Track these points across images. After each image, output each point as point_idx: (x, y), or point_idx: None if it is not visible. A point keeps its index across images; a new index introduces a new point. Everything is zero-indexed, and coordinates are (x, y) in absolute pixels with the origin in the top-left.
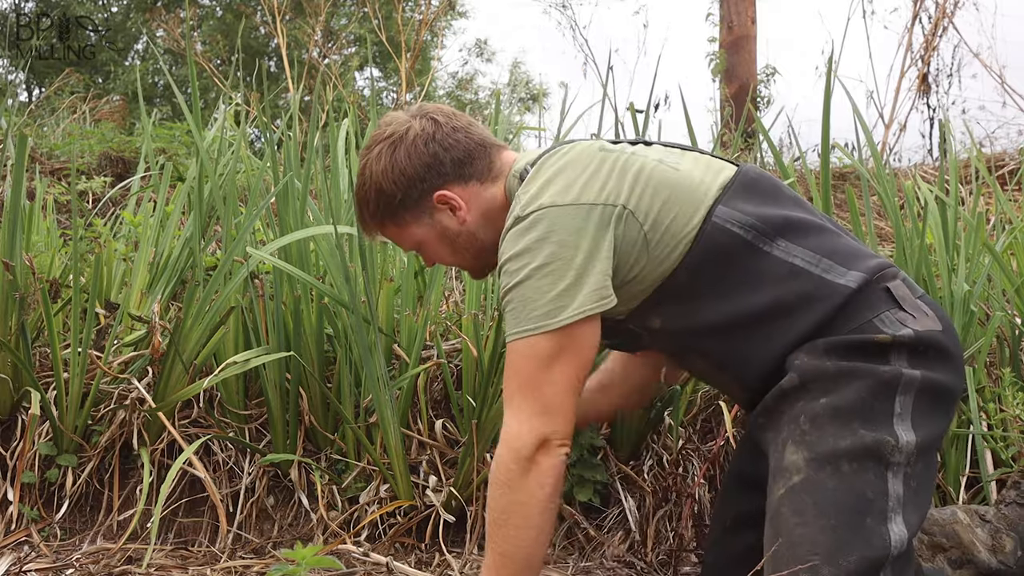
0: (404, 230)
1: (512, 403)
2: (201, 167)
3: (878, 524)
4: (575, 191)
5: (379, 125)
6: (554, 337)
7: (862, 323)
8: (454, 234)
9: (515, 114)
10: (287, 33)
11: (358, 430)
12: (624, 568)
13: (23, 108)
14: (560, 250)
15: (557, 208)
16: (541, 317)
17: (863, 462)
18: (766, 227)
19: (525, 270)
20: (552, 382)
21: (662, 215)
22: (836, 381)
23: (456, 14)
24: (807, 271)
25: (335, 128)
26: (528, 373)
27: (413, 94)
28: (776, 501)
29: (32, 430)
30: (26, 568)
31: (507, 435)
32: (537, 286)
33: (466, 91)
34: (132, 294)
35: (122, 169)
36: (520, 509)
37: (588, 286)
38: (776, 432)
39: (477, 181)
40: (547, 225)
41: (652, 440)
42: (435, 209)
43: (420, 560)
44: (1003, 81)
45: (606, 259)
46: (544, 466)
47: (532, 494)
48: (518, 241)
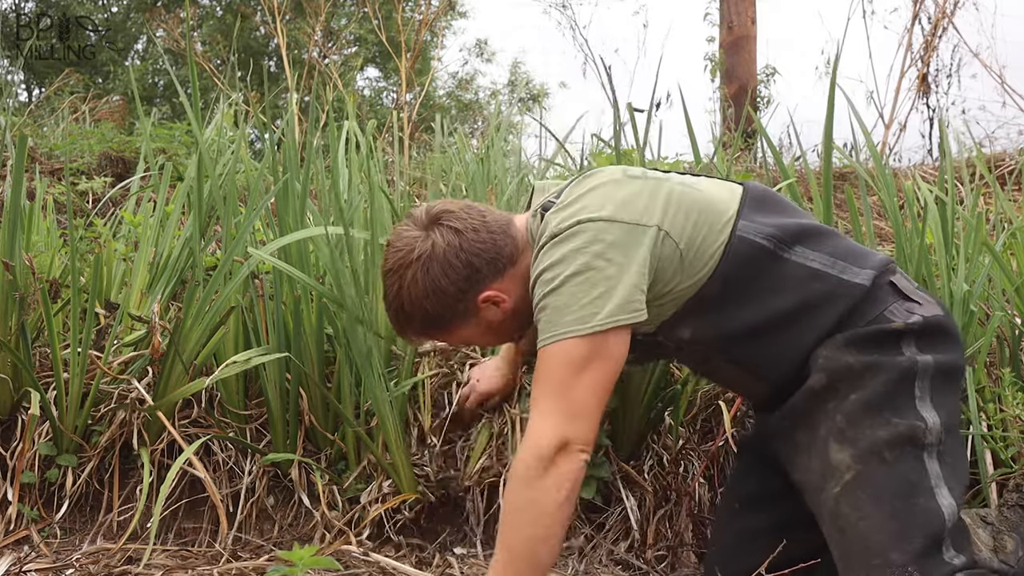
0: (452, 334)
1: (539, 404)
2: (200, 165)
3: (929, 502)
4: (610, 208)
5: (395, 244)
6: (585, 343)
7: (875, 316)
8: (499, 322)
9: (515, 114)
10: (287, 33)
11: (359, 429)
12: (624, 567)
13: (23, 108)
14: (594, 260)
15: (593, 223)
16: (573, 322)
17: (902, 448)
18: (784, 236)
19: (559, 278)
20: (581, 387)
21: (694, 233)
22: (861, 376)
23: (456, 14)
24: (825, 273)
25: (335, 128)
26: (558, 376)
27: (413, 94)
28: (833, 500)
29: (32, 430)
30: (26, 568)
31: (531, 434)
32: (571, 292)
33: (466, 91)
34: (132, 294)
35: (122, 169)
36: (534, 507)
37: (620, 297)
38: (811, 431)
39: (510, 266)
40: (583, 238)
41: (652, 440)
42: (480, 309)
43: (421, 560)
44: (1003, 81)
45: (639, 274)
46: (563, 468)
47: (548, 494)
48: (554, 252)
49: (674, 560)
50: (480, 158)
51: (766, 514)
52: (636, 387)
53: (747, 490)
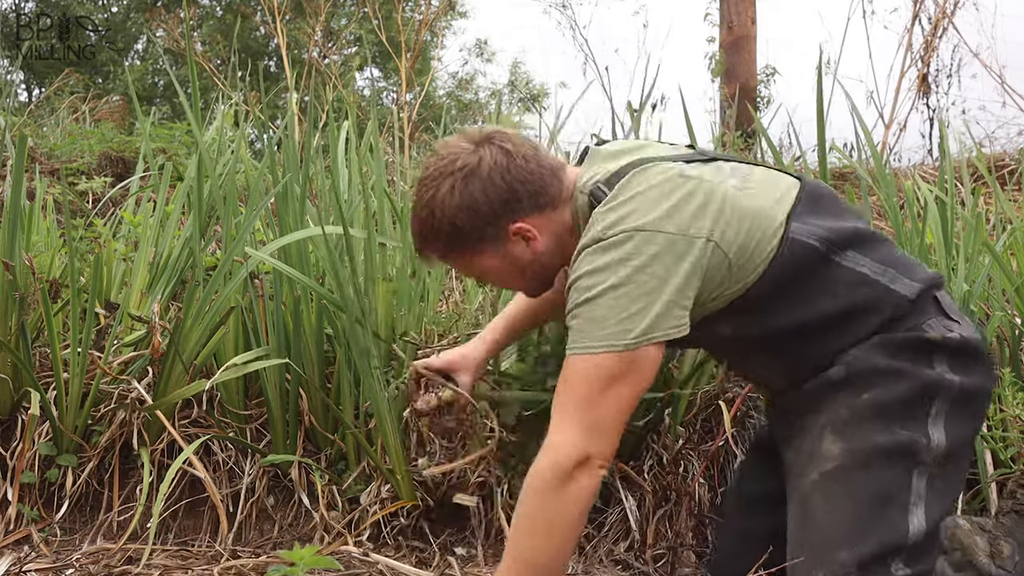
0: (472, 260)
1: (562, 415)
2: (200, 165)
3: (898, 516)
4: (660, 218)
5: (440, 153)
6: (617, 358)
7: (913, 325)
8: (525, 263)
9: (515, 114)
10: (287, 33)
11: (358, 433)
12: (624, 567)
13: (23, 108)
14: (637, 274)
15: (641, 233)
16: (607, 336)
17: (893, 459)
18: (837, 239)
19: (599, 287)
20: (607, 403)
21: (746, 242)
22: (883, 378)
23: (456, 14)
24: (874, 280)
25: (335, 128)
26: (585, 390)
27: (413, 94)
28: (808, 485)
29: (32, 430)
30: (26, 568)
31: (551, 446)
32: (610, 305)
33: (466, 91)
34: (132, 294)
35: (122, 169)
36: (549, 520)
37: (658, 314)
38: (815, 415)
39: (551, 208)
40: (627, 248)
41: (652, 440)
42: (509, 240)
43: (421, 560)
44: (1003, 81)
45: (681, 289)
46: (582, 483)
47: (565, 507)
48: (596, 259)
49: (674, 560)
50: None
51: (769, 517)
52: None
53: (752, 493)
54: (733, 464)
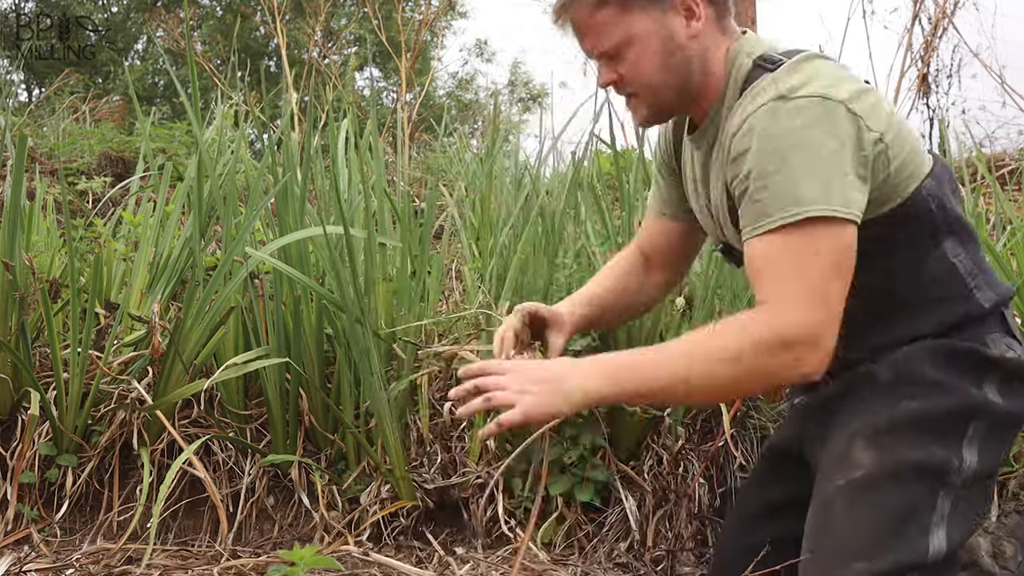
0: (625, 16)
1: (784, 288)
2: (200, 165)
3: (919, 533)
4: (847, 98)
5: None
6: (826, 227)
7: (974, 337)
8: (674, 47)
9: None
10: (287, 33)
11: (358, 434)
12: (624, 568)
13: (23, 108)
14: (830, 142)
15: (829, 102)
16: (812, 201)
17: (923, 476)
18: (948, 219)
19: (792, 149)
20: (830, 278)
21: (903, 164)
22: (928, 389)
23: (456, 14)
24: (962, 277)
25: (335, 128)
26: (804, 260)
27: (413, 94)
28: (832, 490)
29: (32, 430)
30: (26, 568)
31: (775, 315)
32: (803, 168)
33: (466, 91)
34: (132, 294)
35: (122, 169)
36: (740, 368)
37: (853, 189)
38: (850, 416)
39: (720, 19)
40: (819, 113)
41: (652, 440)
42: (671, 8)
43: (421, 560)
44: (1003, 81)
45: (864, 177)
46: (802, 362)
47: (762, 374)
48: (781, 120)
49: (674, 561)
50: (480, 158)
51: (773, 530)
52: None
53: (760, 505)
54: (733, 464)
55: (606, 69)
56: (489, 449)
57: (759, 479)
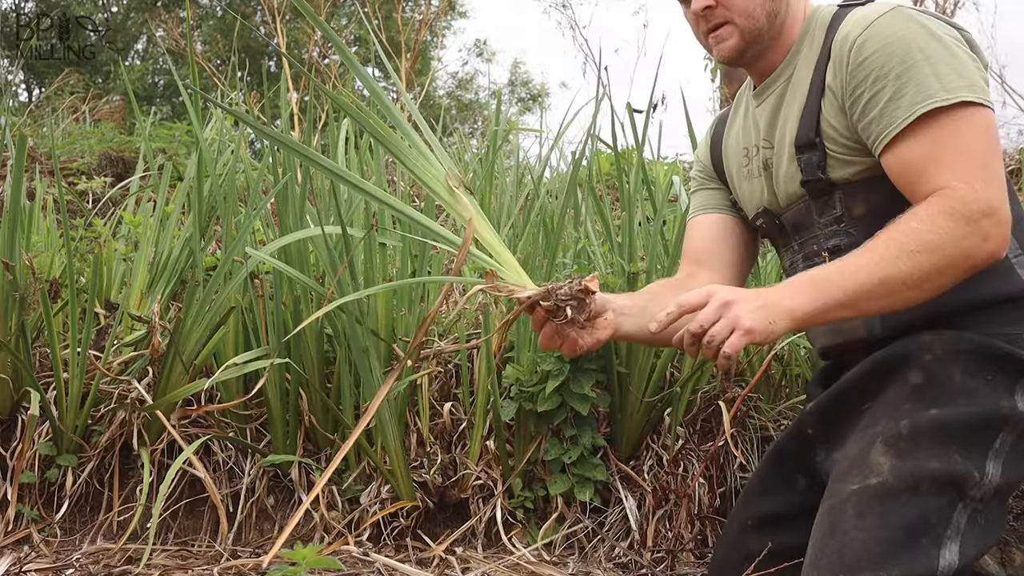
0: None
1: (955, 169)
2: (200, 165)
3: (931, 547)
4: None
5: None
6: (981, 111)
7: (1011, 336)
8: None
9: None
10: (287, 33)
11: (359, 437)
12: (624, 568)
13: (23, 108)
14: (957, 45)
15: (937, 21)
16: (964, 88)
17: (942, 488)
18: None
19: (930, 45)
20: (995, 156)
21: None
22: (954, 397)
23: (456, 14)
24: (1007, 255)
25: (335, 128)
26: (969, 140)
27: (413, 94)
28: (845, 494)
29: (32, 430)
30: (26, 568)
31: (955, 192)
32: (947, 62)
33: (466, 91)
34: (132, 294)
35: (122, 169)
36: (934, 265)
37: (983, 80)
38: (871, 417)
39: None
40: (937, 23)
41: (652, 440)
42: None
43: (421, 560)
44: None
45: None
46: (991, 233)
47: (958, 256)
48: (904, 22)
49: (673, 561)
50: (480, 157)
51: (775, 538)
52: (636, 387)
53: (764, 510)
54: (733, 465)
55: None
56: (489, 449)
57: (765, 485)
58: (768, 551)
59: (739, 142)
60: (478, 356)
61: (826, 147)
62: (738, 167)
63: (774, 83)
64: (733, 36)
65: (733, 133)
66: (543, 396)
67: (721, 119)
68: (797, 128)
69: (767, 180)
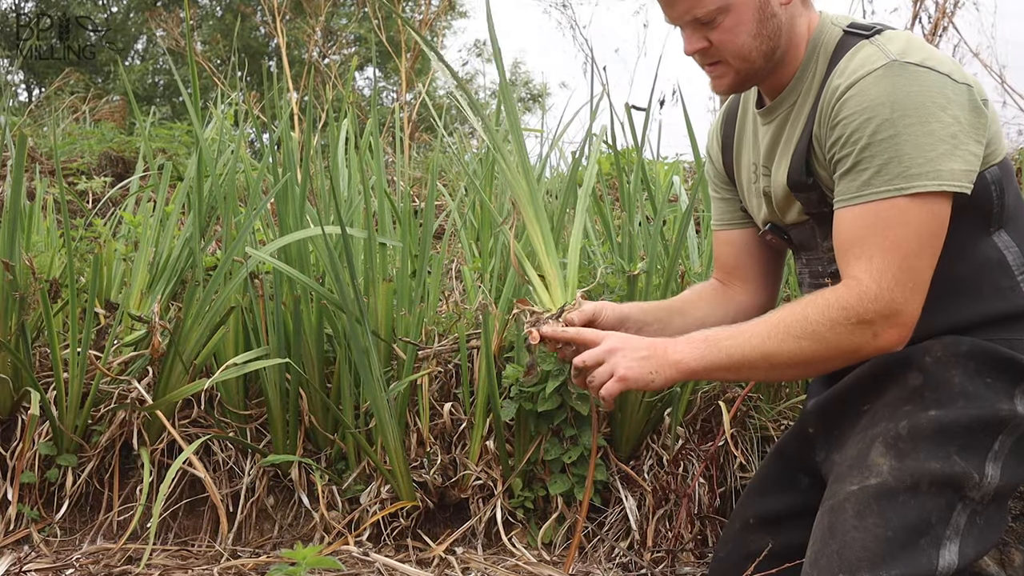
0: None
1: (871, 261)
2: (200, 164)
3: (930, 548)
4: (950, 67)
5: None
6: (930, 202)
7: (1011, 340)
8: (767, 14)
9: None
10: (287, 33)
11: (358, 434)
12: (624, 568)
13: (23, 108)
14: (941, 114)
15: (935, 73)
16: (920, 176)
17: (942, 489)
18: (1006, 208)
19: (903, 121)
20: (921, 254)
21: (990, 140)
22: (953, 399)
23: (456, 14)
24: (1010, 269)
25: (335, 128)
26: (898, 235)
27: (413, 94)
28: (844, 494)
29: (32, 430)
30: (26, 568)
31: (857, 283)
32: (915, 142)
33: None
34: (132, 294)
35: (122, 169)
36: (821, 338)
37: (963, 161)
38: (871, 418)
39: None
40: (927, 84)
41: (652, 440)
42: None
43: (421, 560)
44: (1003, 81)
45: (977, 142)
46: (881, 338)
47: (845, 343)
48: (888, 87)
49: (673, 561)
50: (479, 157)
51: (777, 538)
52: None
53: (766, 509)
54: (733, 464)
55: (695, 36)
56: (489, 450)
57: (767, 484)
58: (769, 550)
59: (748, 156)
60: (478, 356)
61: (821, 188)
62: (748, 181)
63: (779, 107)
64: (728, 75)
65: (745, 144)
66: (543, 396)
67: (728, 118)
68: (789, 171)
69: (767, 204)
